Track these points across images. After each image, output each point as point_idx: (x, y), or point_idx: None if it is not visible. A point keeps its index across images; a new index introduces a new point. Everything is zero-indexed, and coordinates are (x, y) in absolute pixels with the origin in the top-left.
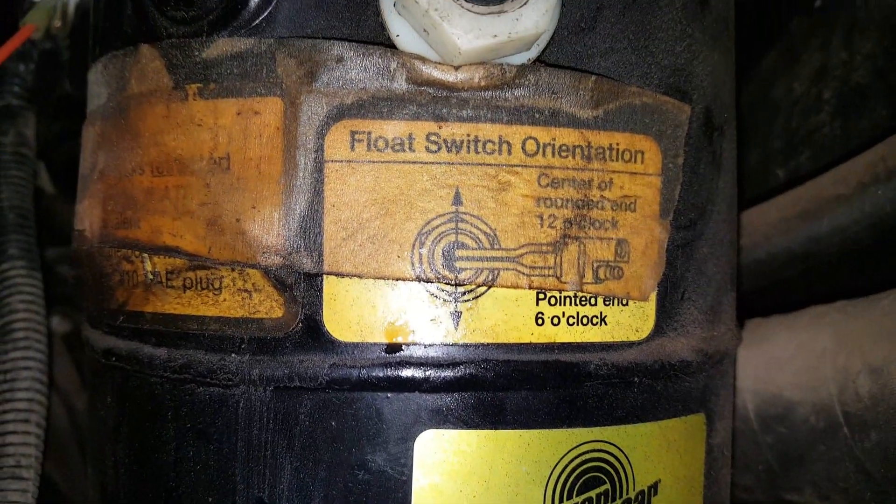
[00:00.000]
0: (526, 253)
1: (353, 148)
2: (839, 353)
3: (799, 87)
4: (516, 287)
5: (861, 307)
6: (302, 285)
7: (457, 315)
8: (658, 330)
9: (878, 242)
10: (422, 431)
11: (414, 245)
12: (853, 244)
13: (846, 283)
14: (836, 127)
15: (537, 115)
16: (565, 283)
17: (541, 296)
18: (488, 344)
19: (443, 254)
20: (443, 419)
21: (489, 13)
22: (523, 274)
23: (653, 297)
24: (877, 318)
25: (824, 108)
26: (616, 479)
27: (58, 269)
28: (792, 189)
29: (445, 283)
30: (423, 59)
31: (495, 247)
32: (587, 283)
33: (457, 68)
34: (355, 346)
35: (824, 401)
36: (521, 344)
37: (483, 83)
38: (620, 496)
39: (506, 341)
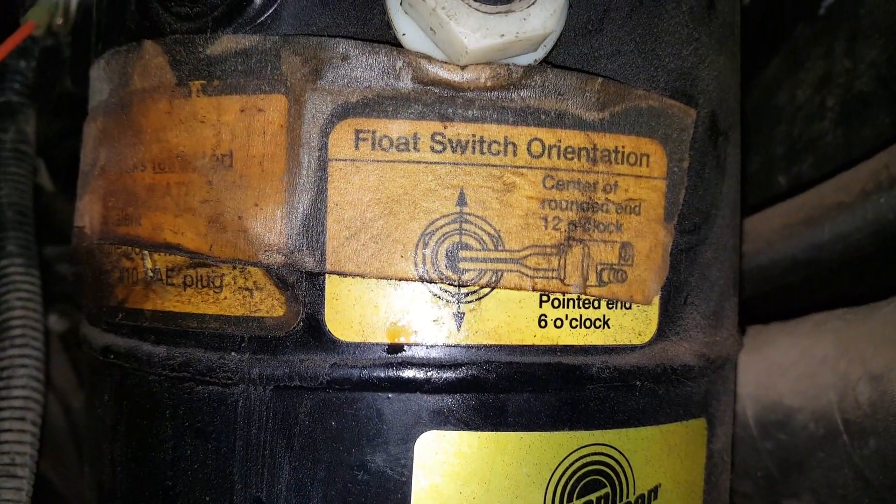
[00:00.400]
0: (530, 255)
1: (357, 147)
2: (840, 360)
3: (802, 94)
4: (520, 289)
5: (862, 314)
6: (304, 284)
7: (459, 316)
8: (660, 334)
9: (880, 250)
10: (422, 432)
11: (417, 245)
12: (855, 251)
13: (847, 291)
14: (838, 135)
15: (543, 117)
16: (569, 285)
17: (544, 298)
18: (491, 345)
19: (446, 254)
20: (444, 420)
21: (497, 13)
22: (527, 276)
23: (656, 300)
24: (878, 325)
25: (827, 116)
26: (616, 482)
27: (56, 267)
28: (794, 196)
29: (449, 284)
30: (430, 59)
31: (499, 248)
32: (591, 285)
33: (463, 68)
34: (357, 345)
35: (824, 408)
36: (524, 346)
37: (489, 83)
38: (621, 499)
39: (508, 343)
